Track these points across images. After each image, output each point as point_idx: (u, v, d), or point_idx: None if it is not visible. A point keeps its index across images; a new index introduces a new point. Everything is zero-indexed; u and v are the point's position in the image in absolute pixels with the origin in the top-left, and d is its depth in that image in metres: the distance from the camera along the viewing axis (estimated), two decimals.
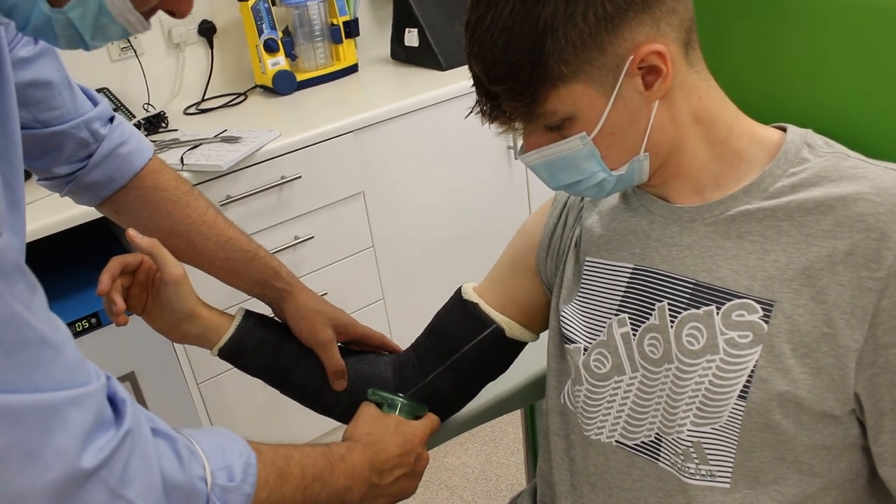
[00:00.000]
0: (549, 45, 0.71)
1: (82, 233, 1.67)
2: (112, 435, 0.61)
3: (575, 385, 0.90)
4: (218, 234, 1.06)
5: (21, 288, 0.57)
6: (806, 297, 0.74)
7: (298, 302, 1.07)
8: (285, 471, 0.79)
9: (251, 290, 1.09)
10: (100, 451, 0.60)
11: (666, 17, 0.74)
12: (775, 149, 0.81)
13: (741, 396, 0.76)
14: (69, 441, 0.58)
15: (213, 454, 0.71)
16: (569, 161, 0.78)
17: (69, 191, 1.04)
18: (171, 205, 1.05)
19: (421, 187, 2.16)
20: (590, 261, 0.91)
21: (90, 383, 0.61)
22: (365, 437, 0.94)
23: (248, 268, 1.07)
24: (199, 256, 1.06)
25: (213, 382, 1.94)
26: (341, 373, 1.04)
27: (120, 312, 0.94)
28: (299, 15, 2.26)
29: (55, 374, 0.58)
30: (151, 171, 1.06)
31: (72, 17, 0.65)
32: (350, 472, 0.87)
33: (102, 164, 1.02)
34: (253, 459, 0.75)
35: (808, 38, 0.86)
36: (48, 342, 0.58)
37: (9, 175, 0.79)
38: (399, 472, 0.93)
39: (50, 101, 0.95)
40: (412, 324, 1.21)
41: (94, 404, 0.61)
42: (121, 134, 1.04)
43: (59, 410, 0.58)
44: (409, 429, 0.97)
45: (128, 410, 0.64)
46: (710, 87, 0.80)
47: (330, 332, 1.05)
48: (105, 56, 2.15)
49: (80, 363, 0.62)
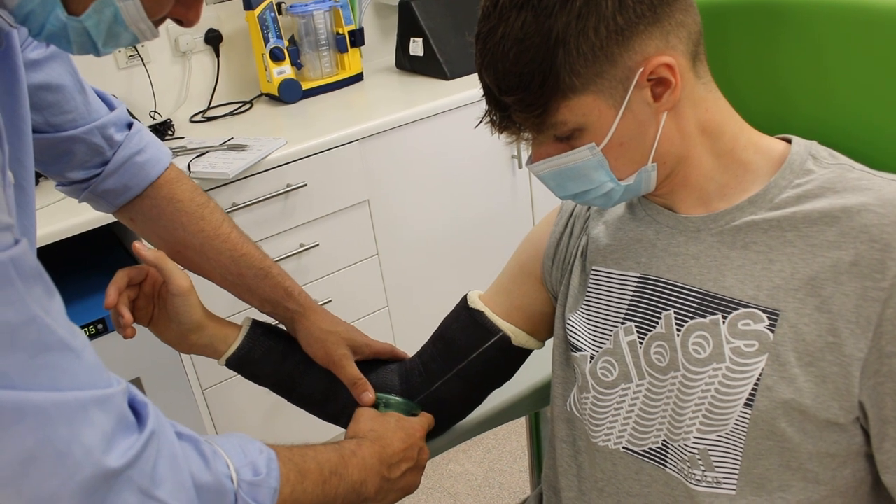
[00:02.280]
0: (560, 58, 0.71)
1: (90, 238, 1.68)
2: (136, 437, 0.62)
3: (582, 392, 0.91)
4: (232, 248, 1.05)
5: (39, 292, 0.58)
6: (811, 307, 0.75)
7: (311, 324, 1.06)
8: (303, 467, 0.80)
9: (263, 308, 1.08)
10: (126, 451, 0.60)
11: (675, 30, 0.75)
12: (780, 160, 0.81)
13: (747, 404, 0.77)
14: (96, 440, 0.58)
15: (235, 453, 0.72)
16: (577, 171, 0.79)
17: (85, 197, 1.04)
18: (185, 216, 1.04)
19: (425, 196, 2.17)
20: (596, 270, 0.92)
21: (112, 386, 0.62)
22: (370, 433, 0.95)
23: (260, 285, 1.06)
24: (212, 270, 1.06)
25: (218, 388, 1.94)
26: (362, 384, 1.03)
27: (127, 325, 0.94)
28: (305, 24, 2.28)
29: (77, 377, 0.59)
30: (168, 181, 1.05)
31: (87, 26, 0.66)
32: (363, 466, 0.88)
33: (118, 172, 1.01)
34: (273, 455, 0.76)
35: (812, 50, 0.87)
36: (68, 346, 0.59)
37: (21, 177, 0.79)
38: (405, 465, 0.95)
39: (62, 104, 0.94)
40: (417, 331, 1.22)
41: (117, 406, 0.62)
42: (138, 142, 1.03)
43: (86, 408, 0.58)
44: (409, 424, 0.98)
45: (150, 413, 0.64)
46: (716, 98, 0.81)
47: (345, 350, 1.04)
48: (112, 64, 2.17)
49: (100, 368, 0.62)
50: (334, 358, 1.04)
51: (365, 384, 1.03)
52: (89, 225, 1.64)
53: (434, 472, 2.23)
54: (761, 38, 0.91)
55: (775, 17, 0.89)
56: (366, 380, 1.04)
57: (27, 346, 0.56)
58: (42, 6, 0.64)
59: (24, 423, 0.55)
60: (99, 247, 1.82)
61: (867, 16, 0.82)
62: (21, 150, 0.79)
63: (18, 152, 0.79)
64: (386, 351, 1.10)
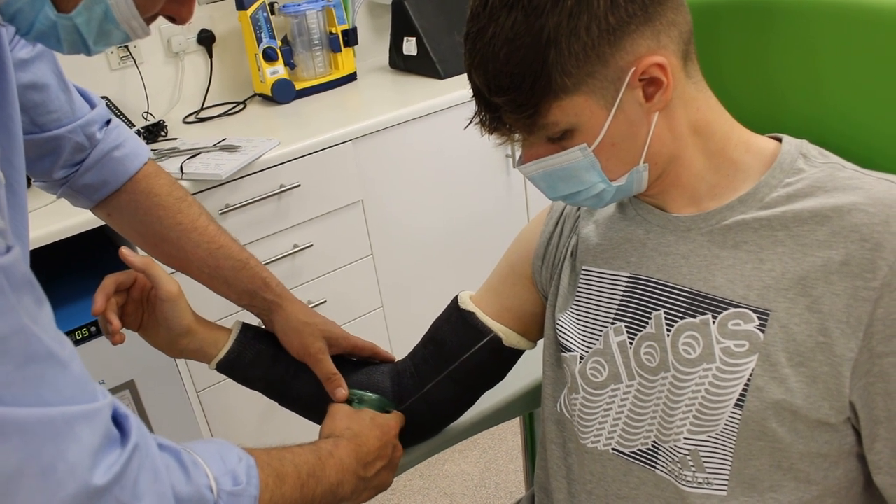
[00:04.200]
0: (552, 58, 0.71)
1: (82, 241, 1.67)
2: (120, 452, 0.61)
3: (571, 393, 0.90)
4: (209, 241, 1.05)
5: (29, 301, 0.57)
6: (801, 307, 0.75)
7: (288, 315, 1.05)
8: (281, 471, 0.80)
9: (240, 300, 1.07)
10: (110, 467, 0.59)
11: (666, 30, 0.74)
12: (770, 159, 0.81)
13: (737, 405, 0.76)
14: (81, 456, 0.58)
15: (214, 462, 0.72)
16: (569, 172, 0.78)
17: (63, 193, 1.03)
18: (162, 210, 1.04)
19: (419, 195, 2.17)
20: (586, 270, 0.91)
21: (97, 400, 0.61)
22: (346, 431, 0.94)
23: (237, 276, 1.05)
24: (189, 263, 1.05)
25: (212, 390, 1.94)
26: (337, 379, 1.03)
27: (116, 332, 0.94)
28: (298, 24, 2.27)
29: (63, 390, 0.58)
30: (146, 176, 1.04)
31: (77, 23, 0.65)
32: (340, 467, 0.88)
33: (96, 167, 1.01)
34: (252, 462, 0.76)
35: (802, 49, 0.87)
36: (55, 357, 0.58)
37: (12, 178, 0.79)
38: (380, 463, 0.95)
39: (47, 104, 0.94)
40: (411, 331, 1.22)
41: (103, 421, 0.61)
42: (116, 137, 1.02)
43: (71, 425, 0.57)
44: (384, 421, 0.98)
45: (132, 426, 0.64)
46: (707, 98, 0.81)
47: (321, 344, 1.04)
48: (105, 64, 2.16)
49: (87, 380, 0.61)
50: (310, 350, 1.03)
51: (339, 380, 1.03)
52: (82, 227, 1.63)
53: (430, 473, 2.23)
54: (753, 37, 0.91)
55: (767, 15, 0.89)
56: (340, 375, 1.03)
57: (14, 356, 0.55)
58: (31, 4, 0.63)
59: (9, 440, 0.54)
60: (92, 249, 1.81)
61: (859, 14, 0.81)
62: (11, 150, 0.78)
63: (8, 152, 0.78)
64: (366, 347, 1.09)
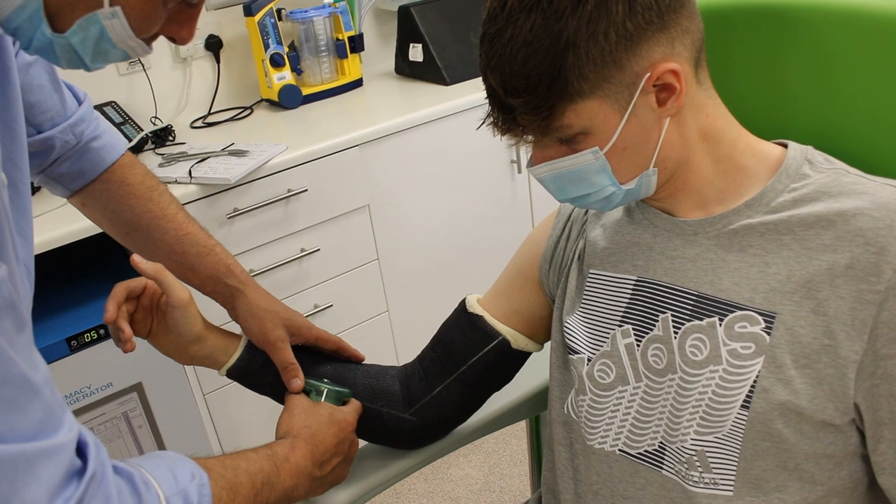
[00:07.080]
0: (570, 62, 0.72)
1: (89, 244, 1.68)
2: (76, 485, 0.61)
3: (579, 395, 0.91)
4: (176, 228, 1.06)
5: (8, 324, 0.57)
6: (807, 310, 0.76)
7: (250, 301, 1.06)
8: (235, 482, 0.79)
9: (204, 286, 1.08)
10: (66, 501, 0.59)
11: (680, 37, 0.75)
12: (776, 164, 0.82)
13: (744, 406, 0.77)
14: (39, 495, 0.57)
15: (166, 481, 0.71)
16: (579, 174, 0.79)
17: (41, 180, 1.04)
18: (133, 199, 1.06)
19: (425, 200, 2.18)
20: (593, 273, 0.92)
21: (61, 430, 0.61)
22: (304, 430, 0.94)
23: (202, 262, 1.06)
24: (157, 250, 1.06)
25: (219, 393, 1.95)
26: (293, 369, 1.02)
27: (128, 339, 0.94)
28: (305, 30, 2.29)
29: (31, 416, 0.58)
30: (121, 166, 1.06)
31: (73, 43, 0.66)
32: (295, 472, 0.88)
33: (73, 157, 1.02)
34: (205, 479, 0.75)
35: (811, 56, 0.88)
36: (28, 382, 0.58)
37: (16, 178, 0.79)
38: (336, 460, 0.95)
39: (41, 104, 0.95)
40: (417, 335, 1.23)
41: (67, 456, 0.60)
42: (95, 128, 1.04)
43: (32, 463, 0.57)
44: (342, 416, 0.99)
45: (91, 455, 0.63)
46: (716, 104, 0.82)
47: (281, 332, 1.03)
48: (113, 70, 2.17)
49: (57, 406, 0.61)
50: (269, 338, 1.03)
51: (296, 369, 1.03)
52: (90, 231, 1.64)
53: (435, 476, 2.23)
54: (766, 44, 0.92)
55: (780, 22, 0.90)
56: (297, 365, 1.03)
57: None
58: (29, 22, 0.64)
59: None
60: (99, 253, 1.82)
61: (872, 22, 0.82)
62: (14, 150, 0.79)
63: (12, 153, 0.78)
64: (331, 340, 1.09)
